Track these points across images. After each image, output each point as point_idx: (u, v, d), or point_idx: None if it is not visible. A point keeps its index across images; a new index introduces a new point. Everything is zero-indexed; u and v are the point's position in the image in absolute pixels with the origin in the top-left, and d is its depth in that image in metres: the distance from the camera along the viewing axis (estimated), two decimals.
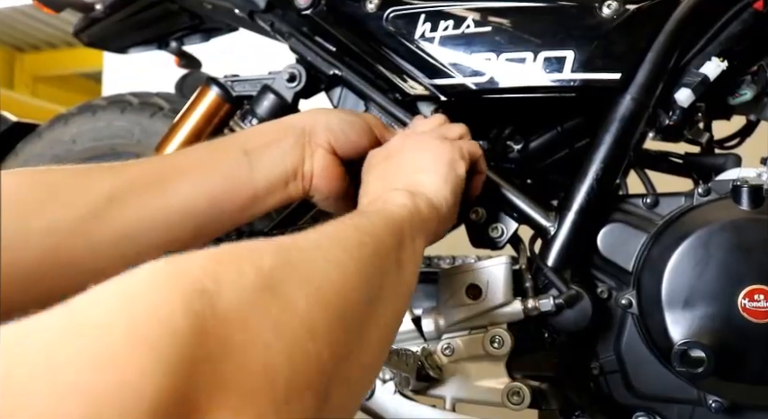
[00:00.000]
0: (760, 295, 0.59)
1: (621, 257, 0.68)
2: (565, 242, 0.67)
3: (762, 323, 0.58)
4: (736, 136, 0.86)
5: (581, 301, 0.64)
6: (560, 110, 0.82)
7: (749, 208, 0.60)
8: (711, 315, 0.60)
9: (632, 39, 0.67)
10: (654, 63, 0.66)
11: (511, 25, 0.70)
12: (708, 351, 0.59)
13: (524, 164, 0.85)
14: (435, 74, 0.73)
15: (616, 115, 0.67)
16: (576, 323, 0.64)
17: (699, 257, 0.61)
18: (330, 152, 0.64)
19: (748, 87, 0.72)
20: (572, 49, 0.67)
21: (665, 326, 0.62)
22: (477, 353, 0.64)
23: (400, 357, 0.58)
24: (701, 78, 0.67)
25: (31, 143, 1.05)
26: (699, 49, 0.68)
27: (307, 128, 0.63)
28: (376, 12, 0.77)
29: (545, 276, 0.66)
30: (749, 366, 0.59)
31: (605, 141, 0.67)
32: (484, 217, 0.72)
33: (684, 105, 0.68)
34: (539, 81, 0.69)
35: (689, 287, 0.61)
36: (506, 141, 0.85)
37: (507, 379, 0.63)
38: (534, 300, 0.63)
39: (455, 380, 0.65)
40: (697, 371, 0.59)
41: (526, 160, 0.86)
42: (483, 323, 0.65)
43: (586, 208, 0.67)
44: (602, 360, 0.70)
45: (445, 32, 0.73)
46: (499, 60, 0.70)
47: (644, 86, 0.66)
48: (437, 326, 0.66)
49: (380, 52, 0.77)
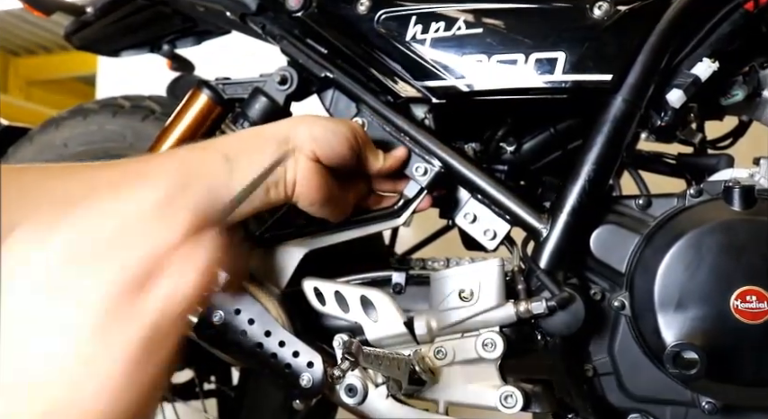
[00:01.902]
0: (752, 296, 0.58)
1: (614, 259, 0.68)
2: (557, 244, 0.67)
3: (754, 324, 0.58)
4: (729, 136, 0.86)
5: (573, 303, 0.63)
6: (553, 111, 0.82)
7: (741, 208, 0.60)
8: (704, 316, 0.60)
9: (623, 40, 0.67)
10: (645, 64, 0.66)
11: (502, 27, 0.70)
12: (700, 352, 0.59)
13: (518, 166, 0.85)
14: (426, 76, 0.73)
15: (608, 116, 0.67)
16: (569, 325, 0.64)
17: (691, 258, 0.61)
18: (313, 160, 0.64)
19: (740, 88, 0.73)
20: (563, 50, 0.67)
21: (657, 328, 0.62)
22: (470, 357, 0.63)
23: (392, 361, 0.58)
24: (692, 79, 0.67)
25: (23, 147, 1.04)
26: (690, 50, 0.68)
27: (290, 135, 0.63)
28: (367, 14, 0.76)
29: (537, 278, 0.66)
30: (742, 367, 0.59)
31: (597, 142, 0.67)
32: (475, 218, 0.72)
33: (676, 106, 0.68)
34: (530, 82, 0.69)
35: (681, 288, 0.61)
36: (499, 143, 0.85)
37: (500, 383, 0.63)
38: (526, 303, 0.63)
39: (448, 384, 0.64)
40: (690, 373, 0.59)
41: (519, 162, 0.86)
42: (476, 326, 0.64)
43: (579, 209, 0.67)
44: (595, 361, 0.70)
45: (436, 34, 0.72)
46: (490, 62, 0.70)
47: (635, 87, 0.66)
48: (429, 330, 0.66)
49: (372, 54, 0.77)
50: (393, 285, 0.75)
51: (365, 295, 0.68)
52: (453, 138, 0.77)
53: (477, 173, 0.71)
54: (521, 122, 0.84)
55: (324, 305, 0.70)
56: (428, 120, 0.77)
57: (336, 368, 0.51)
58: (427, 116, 0.77)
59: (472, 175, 0.71)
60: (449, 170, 0.72)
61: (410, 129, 0.74)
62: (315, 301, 0.70)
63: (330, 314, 0.70)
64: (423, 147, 0.74)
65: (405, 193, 0.74)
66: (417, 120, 0.76)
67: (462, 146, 0.77)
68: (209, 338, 0.73)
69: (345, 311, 0.69)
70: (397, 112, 0.75)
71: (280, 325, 0.70)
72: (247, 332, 0.71)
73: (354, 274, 0.78)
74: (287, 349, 0.69)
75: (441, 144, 0.73)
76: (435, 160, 0.73)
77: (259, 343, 0.70)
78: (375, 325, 0.67)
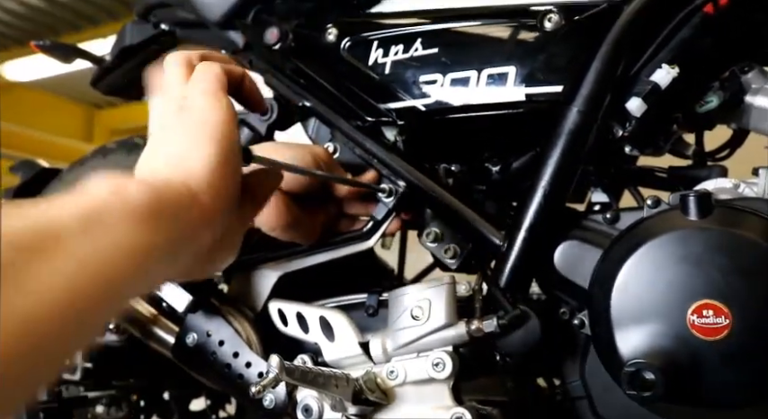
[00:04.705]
0: (709, 310, 0.54)
1: (578, 275, 0.65)
2: (514, 261, 0.65)
3: (712, 340, 0.54)
4: (726, 147, 0.81)
5: (528, 322, 0.61)
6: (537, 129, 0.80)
7: (696, 217, 0.57)
8: (660, 333, 0.56)
9: (575, 51, 0.65)
10: (598, 73, 0.64)
11: (456, 45, 0.70)
12: (657, 372, 0.55)
13: (506, 186, 0.84)
14: (388, 98, 0.74)
15: (562, 129, 0.65)
16: (525, 344, 0.61)
17: (645, 271, 0.58)
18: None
19: (714, 94, 0.69)
20: (514, 64, 0.67)
21: (614, 346, 0.58)
22: (421, 377, 0.62)
23: (328, 379, 0.58)
24: (651, 86, 0.64)
25: (53, 187, 1.13)
26: (649, 58, 0.65)
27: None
28: (335, 42, 0.79)
29: (492, 296, 0.64)
30: (702, 388, 0.55)
31: (552, 156, 0.65)
32: (439, 237, 0.71)
33: (637, 115, 0.65)
34: (482, 98, 0.68)
35: (637, 303, 0.58)
36: (483, 163, 0.84)
37: (452, 404, 0.61)
38: (478, 322, 0.61)
39: (400, 405, 0.63)
40: (646, 395, 0.55)
41: (508, 181, 0.84)
42: (430, 346, 0.63)
43: (536, 226, 0.65)
44: (567, 384, 0.67)
45: (396, 57, 0.74)
46: (445, 80, 0.70)
47: (589, 98, 0.64)
48: (384, 350, 0.65)
49: (341, 81, 0.79)
50: (366, 308, 0.75)
51: (324, 316, 0.68)
52: (437, 159, 0.78)
53: (439, 192, 0.71)
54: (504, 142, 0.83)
55: (286, 326, 0.71)
56: (399, 142, 0.78)
57: (257, 384, 0.51)
58: (398, 138, 0.78)
59: (435, 195, 0.71)
60: (413, 191, 0.73)
61: (377, 151, 0.75)
62: (279, 322, 0.72)
63: (292, 335, 0.70)
64: (390, 168, 0.74)
65: (374, 215, 0.74)
66: (387, 142, 0.77)
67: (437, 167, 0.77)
68: (184, 360, 0.76)
69: (306, 332, 0.69)
70: (366, 135, 0.77)
71: (247, 347, 0.71)
72: (217, 353, 0.72)
73: (333, 297, 0.78)
74: (252, 369, 0.71)
75: (406, 165, 0.74)
76: (401, 181, 0.73)
77: (228, 363, 0.72)
78: (332, 346, 0.67)
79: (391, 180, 0.74)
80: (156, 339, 0.81)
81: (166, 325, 0.81)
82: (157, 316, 0.82)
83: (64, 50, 1.05)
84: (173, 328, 0.80)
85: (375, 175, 0.76)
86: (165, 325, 0.81)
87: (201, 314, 0.74)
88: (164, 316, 0.82)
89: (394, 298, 0.66)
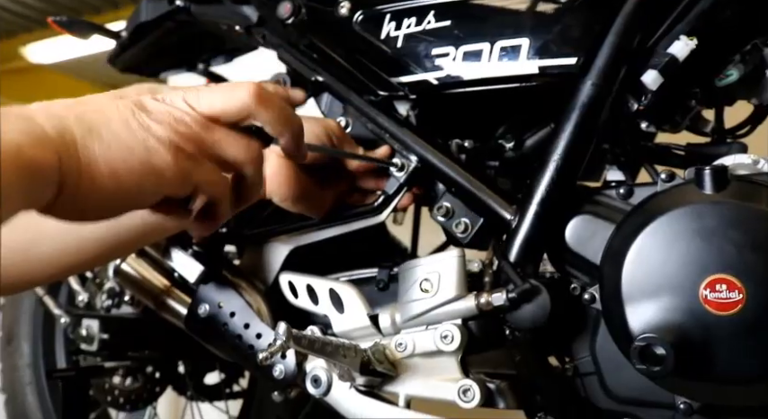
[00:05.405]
0: (722, 285, 0.54)
1: (589, 251, 0.64)
2: (525, 236, 0.64)
3: (725, 315, 0.53)
4: (747, 123, 0.80)
5: (538, 296, 0.61)
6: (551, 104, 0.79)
7: (711, 191, 0.56)
8: (672, 307, 0.55)
9: (590, 22, 0.64)
10: (613, 46, 0.63)
11: (469, 17, 0.69)
12: (668, 347, 0.54)
13: (522, 163, 0.83)
14: (401, 71, 0.74)
15: (576, 102, 0.64)
16: (534, 319, 0.61)
17: (658, 245, 0.57)
18: (284, 157, 0.65)
19: (735, 67, 0.67)
20: (527, 36, 0.66)
21: (624, 321, 0.58)
22: (429, 349, 0.62)
23: (336, 348, 0.58)
24: (668, 58, 0.63)
25: None
26: (666, 29, 0.64)
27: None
28: (347, 16, 0.78)
29: (502, 270, 0.63)
30: (714, 363, 0.54)
31: (565, 130, 0.64)
32: (450, 212, 0.71)
33: (653, 88, 0.64)
34: (495, 71, 0.67)
35: (648, 277, 0.57)
36: (498, 140, 0.83)
37: (459, 376, 0.61)
38: (487, 295, 0.61)
39: (408, 377, 0.63)
40: (656, 369, 0.55)
41: (523, 158, 0.84)
42: (439, 318, 0.63)
43: (547, 200, 0.64)
44: (577, 361, 0.66)
45: (408, 30, 0.73)
46: (458, 53, 0.69)
47: (604, 70, 0.63)
48: (393, 322, 0.65)
49: (353, 55, 0.78)
50: (377, 282, 0.75)
51: (333, 288, 0.69)
52: (449, 134, 0.77)
53: (451, 166, 0.71)
54: (519, 117, 0.82)
55: (296, 298, 0.71)
56: (411, 116, 0.77)
57: (265, 350, 0.52)
58: (410, 113, 0.77)
59: (446, 169, 0.71)
60: (425, 165, 0.72)
61: (390, 125, 0.75)
62: (289, 294, 0.72)
63: (302, 306, 0.71)
64: (402, 143, 0.74)
65: (386, 190, 0.74)
66: (399, 116, 0.77)
67: (449, 142, 0.76)
68: (196, 331, 0.76)
69: (315, 304, 0.70)
70: (379, 110, 0.76)
71: (258, 318, 0.72)
72: (228, 324, 0.73)
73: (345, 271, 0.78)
74: (263, 341, 0.71)
75: (419, 140, 0.73)
76: (413, 156, 0.73)
77: (239, 334, 0.73)
78: (341, 318, 0.67)
79: (403, 154, 0.74)
80: (169, 310, 0.82)
81: (179, 296, 0.82)
82: (170, 287, 0.83)
83: (81, 26, 1.05)
84: (185, 300, 0.81)
85: (387, 150, 0.76)
86: (178, 297, 0.82)
87: (213, 285, 0.75)
88: (177, 288, 0.83)
89: (404, 271, 0.66)
